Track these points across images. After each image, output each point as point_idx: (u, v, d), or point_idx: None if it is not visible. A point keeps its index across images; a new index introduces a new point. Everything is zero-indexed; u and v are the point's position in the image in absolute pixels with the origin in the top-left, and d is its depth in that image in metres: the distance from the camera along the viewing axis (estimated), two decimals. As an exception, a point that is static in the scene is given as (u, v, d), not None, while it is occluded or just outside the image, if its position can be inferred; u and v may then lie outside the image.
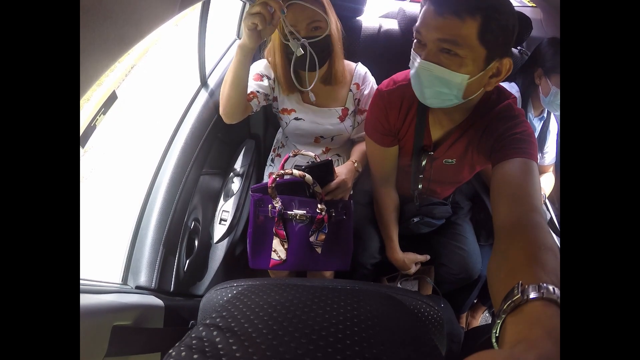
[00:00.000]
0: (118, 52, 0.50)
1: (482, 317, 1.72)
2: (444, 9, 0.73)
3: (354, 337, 0.46)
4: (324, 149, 1.36)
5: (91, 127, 0.71)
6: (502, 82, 1.33)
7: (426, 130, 0.99)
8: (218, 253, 1.28)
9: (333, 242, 1.12)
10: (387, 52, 1.59)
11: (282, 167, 1.18)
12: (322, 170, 1.06)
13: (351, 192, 1.20)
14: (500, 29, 0.74)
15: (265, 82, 1.20)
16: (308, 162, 1.22)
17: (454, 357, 0.79)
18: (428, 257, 1.24)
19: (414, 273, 1.22)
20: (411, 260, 1.22)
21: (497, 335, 0.43)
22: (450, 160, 1.02)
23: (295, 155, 1.21)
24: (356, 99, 1.25)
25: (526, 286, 0.42)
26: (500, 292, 0.46)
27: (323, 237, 1.10)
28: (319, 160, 1.15)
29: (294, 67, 1.10)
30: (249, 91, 1.15)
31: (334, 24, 1.09)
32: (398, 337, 0.51)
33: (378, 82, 1.05)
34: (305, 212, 1.08)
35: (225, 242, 1.31)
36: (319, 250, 1.11)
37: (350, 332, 0.47)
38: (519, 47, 1.65)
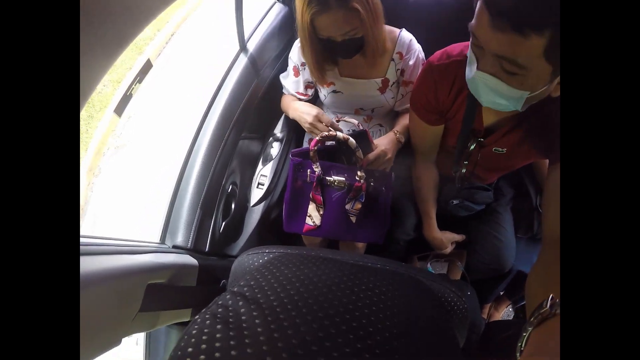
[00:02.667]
0: (117, 50, 0.49)
1: (505, 312, 1.68)
2: (503, 23, 0.58)
3: (377, 325, 0.46)
4: (365, 118, 1.32)
5: (127, 96, 0.73)
6: None
7: (478, 115, 0.89)
8: (254, 216, 1.33)
9: (369, 213, 1.10)
10: (439, 20, 1.46)
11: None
12: (358, 141, 1.02)
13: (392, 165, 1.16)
14: None
15: (305, 72, 1.20)
16: (349, 131, 1.19)
17: (471, 346, 0.78)
18: (464, 237, 1.20)
19: (448, 254, 1.20)
20: (449, 239, 1.18)
21: (522, 348, 0.42)
22: (500, 149, 0.93)
23: (337, 122, 1.18)
24: (399, 69, 1.16)
25: (556, 300, 0.41)
26: (534, 304, 0.45)
27: (359, 206, 1.08)
28: (361, 127, 1.12)
29: (326, 57, 1.10)
30: (295, 92, 1.28)
31: (370, 18, 0.98)
32: (422, 330, 0.50)
33: (427, 54, 0.96)
34: (344, 178, 1.07)
35: (261, 206, 1.35)
36: (353, 219, 1.10)
37: (374, 319, 0.47)
38: None
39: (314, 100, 1.37)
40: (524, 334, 0.42)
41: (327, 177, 1.08)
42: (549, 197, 0.68)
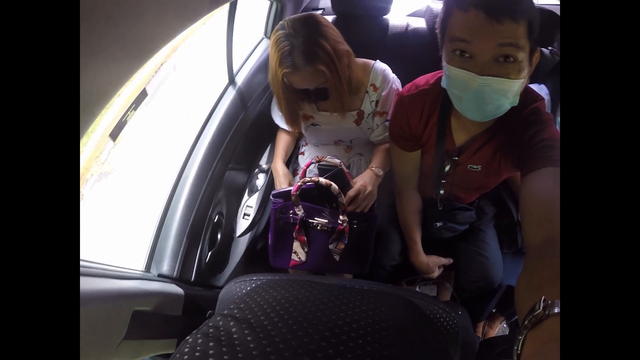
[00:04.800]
0: (148, 53, 0.52)
1: (500, 328, 1.67)
2: (500, 14, 0.67)
3: (366, 338, 0.46)
4: (345, 148, 1.36)
5: (122, 122, 0.75)
6: (532, 84, 1.29)
7: (448, 136, 0.96)
8: (239, 247, 1.31)
9: (352, 251, 1.12)
10: (415, 52, 1.56)
11: (304, 174, 1.19)
12: (336, 181, 1.05)
13: (375, 200, 1.18)
14: (539, 23, 0.72)
15: None
16: (325, 169, 1.22)
17: None
18: (451, 260, 1.21)
19: (436, 277, 1.20)
20: (435, 263, 1.19)
21: (518, 352, 0.42)
22: (475, 167, 0.98)
23: (318, 162, 1.20)
24: (373, 100, 1.20)
25: (549, 302, 0.41)
26: (524, 309, 0.45)
27: (342, 246, 1.10)
28: (344, 167, 1.15)
29: (303, 98, 1.14)
30: (283, 125, 1.30)
31: (336, 75, 1.04)
32: (412, 342, 0.50)
33: (406, 83, 1.03)
34: (327, 221, 1.09)
35: (247, 236, 1.34)
36: (337, 257, 1.12)
37: (363, 332, 0.47)
38: (549, 48, 1.58)
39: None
40: (520, 337, 0.42)
41: (309, 220, 1.09)
42: (525, 206, 0.70)
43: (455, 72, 0.75)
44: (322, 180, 1.01)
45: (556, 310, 0.40)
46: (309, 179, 1.02)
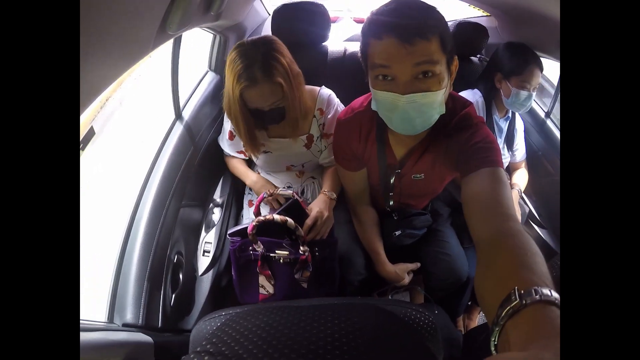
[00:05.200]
0: (93, 94, 0.50)
1: (479, 318, 1.72)
2: (411, 37, 0.73)
3: (343, 348, 0.46)
4: (297, 173, 1.38)
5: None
6: (466, 90, 1.41)
7: (388, 151, 1.01)
8: (204, 285, 1.26)
9: (318, 276, 1.13)
10: (353, 74, 1.65)
11: (257, 208, 1.18)
12: (292, 212, 1.07)
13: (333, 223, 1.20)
14: (450, 34, 0.78)
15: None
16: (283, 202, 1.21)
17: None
18: (419, 264, 1.25)
19: (407, 283, 1.22)
20: (403, 270, 1.21)
21: (495, 342, 0.43)
22: (418, 175, 1.05)
23: (271, 196, 1.20)
24: (321, 124, 1.25)
25: (522, 291, 0.43)
26: (492, 301, 0.46)
27: (308, 274, 1.10)
28: (297, 196, 1.15)
29: (256, 124, 1.16)
30: (236, 152, 1.35)
31: (292, 90, 1.08)
32: (387, 345, 0.51)
33: (347, 103, 1.08)
34: (288, 252, 1.08)
35: (210, 274, 1.29)
36: (304, 285, 1.11)
37: (339, 344, 0.47)
38: (478, 55, 1.74)
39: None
40: (497, 328, 0.43)
41: (271, 254, 1.09)
42: (468, 205, 0.75)
43: (381, 95, 0.81)
44: (277, 217, 1.02)
45: (531, 299, 0.41)
46: (263, 218, 1.02)
